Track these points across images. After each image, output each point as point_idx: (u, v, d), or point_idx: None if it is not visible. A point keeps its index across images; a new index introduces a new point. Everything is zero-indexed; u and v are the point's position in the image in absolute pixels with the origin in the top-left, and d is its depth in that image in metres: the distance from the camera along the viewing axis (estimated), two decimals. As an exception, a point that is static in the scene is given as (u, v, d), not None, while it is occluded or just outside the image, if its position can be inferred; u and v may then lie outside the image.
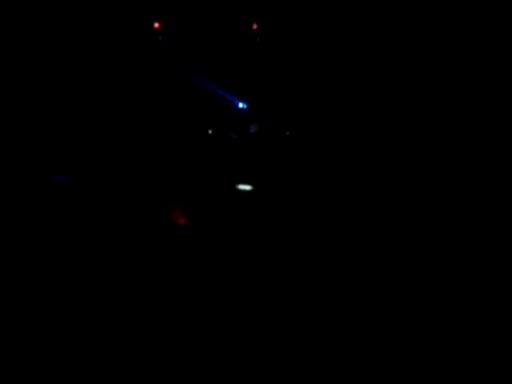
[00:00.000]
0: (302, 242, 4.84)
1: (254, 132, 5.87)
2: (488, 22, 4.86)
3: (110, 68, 5.59)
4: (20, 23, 5.21)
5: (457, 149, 5.08)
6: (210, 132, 5.87)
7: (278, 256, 4.65)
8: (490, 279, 4.15)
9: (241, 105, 6.01)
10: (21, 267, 4.11)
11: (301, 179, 5.49)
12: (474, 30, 4.92)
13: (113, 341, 3.51)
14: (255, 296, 4.16)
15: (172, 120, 5.85)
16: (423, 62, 5.21)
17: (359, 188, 5.30)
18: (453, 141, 5.10)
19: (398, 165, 5.32)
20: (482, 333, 3.58)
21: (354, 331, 3.66)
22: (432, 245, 4.61)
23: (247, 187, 5.50)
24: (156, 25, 5.57)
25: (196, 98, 5.97)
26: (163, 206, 5.09)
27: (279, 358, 3.39)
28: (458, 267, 4.31)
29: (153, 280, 4.25)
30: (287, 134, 5.78)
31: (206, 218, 5.10)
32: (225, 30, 5.73)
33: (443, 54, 5.12)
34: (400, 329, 3.67)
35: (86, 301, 3.88)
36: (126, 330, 3.63)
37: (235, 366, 3.34)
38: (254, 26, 5.61)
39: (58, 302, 3.83)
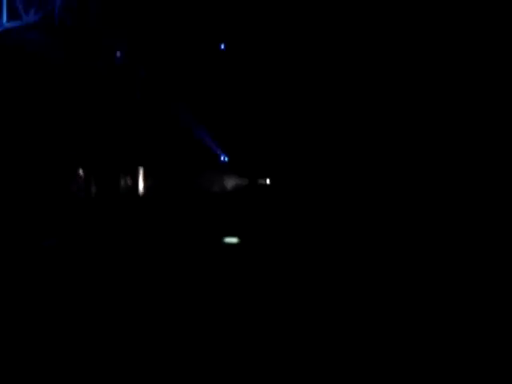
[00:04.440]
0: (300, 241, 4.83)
1: (230, 187, 5.91)
2: (488, 22, 4.85)
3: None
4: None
5: (457, 148, 5.07)
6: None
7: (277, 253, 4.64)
8: (490, 279, 4.14)
9: (222, 158, 5.96)
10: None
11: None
12: (474, 30, 4.91)
13: (113, 341, 3.50)
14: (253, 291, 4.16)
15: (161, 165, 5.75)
16: (423, 62, 5.21)
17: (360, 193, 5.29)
18: (452, 140, 5.09)
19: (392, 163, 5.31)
20: (482, 333, 3.58)
21: (354, 331, 3.65)
22: (431, 244, 4.61)
23: (233, 240, 5.43)
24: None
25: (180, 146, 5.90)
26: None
27: (279, 358, 3.38)
28: (458, 267, 4.31)
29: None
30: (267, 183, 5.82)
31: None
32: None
33: (443, 54, 5.12)
34: (400, 329, 3.67)
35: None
36: (126, 331, 3.63)
37: (235, 365, 3.33)
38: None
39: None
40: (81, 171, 5.20)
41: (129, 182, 5.62)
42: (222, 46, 5.70)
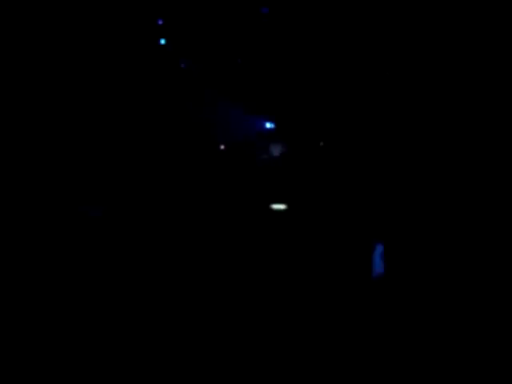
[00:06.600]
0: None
1: (276, 154, 5.76)
2: (488, 22, 4.86)
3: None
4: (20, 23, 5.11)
5: (457, 149, 5.09)
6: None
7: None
8: (490, 280, 4.15)
9: (268, 125, 5.80)
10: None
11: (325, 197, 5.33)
12: (474, 30, 4.93)
13: (113, 341, 3.51)
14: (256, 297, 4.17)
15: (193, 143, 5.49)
16: (422, 63, 5.22)
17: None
18: (453, 141, 5.10)
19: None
20: (482, 333, 3.58)
21: (354, 332, 3.66)
22: (432, 246, 4.62)
23: (280, 206, 5.33)
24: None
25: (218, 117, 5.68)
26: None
27: (279, 359, 3.39)
28: (459, 268, 4.32)
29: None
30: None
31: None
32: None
33: (443, 54, 5.13)
34: (400, 330, 3.67)
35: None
36: (126, 330, 3.64)
37: (235, 366, 3.34)
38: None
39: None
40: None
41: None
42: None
